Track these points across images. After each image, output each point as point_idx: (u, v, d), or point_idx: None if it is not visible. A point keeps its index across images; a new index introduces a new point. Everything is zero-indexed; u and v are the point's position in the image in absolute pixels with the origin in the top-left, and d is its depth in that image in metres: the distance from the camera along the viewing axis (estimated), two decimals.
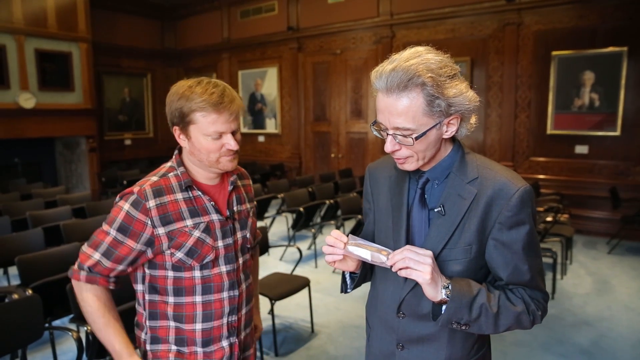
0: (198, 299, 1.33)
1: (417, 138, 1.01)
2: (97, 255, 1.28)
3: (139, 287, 1.37)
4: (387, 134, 1.04)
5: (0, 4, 7.45)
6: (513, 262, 1.05)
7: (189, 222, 1.29)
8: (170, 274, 1.32)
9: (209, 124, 1.24)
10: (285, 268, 4.75)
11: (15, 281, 3.86)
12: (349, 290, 1.24)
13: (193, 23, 10.82)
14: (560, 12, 6.16)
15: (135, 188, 1.28)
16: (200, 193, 1.33)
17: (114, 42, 9.99)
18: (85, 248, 1.31)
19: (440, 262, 1.07)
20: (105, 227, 1.29)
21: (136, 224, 1.25)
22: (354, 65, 8.25)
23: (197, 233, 1.30)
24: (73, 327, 2.66)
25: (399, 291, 1.14)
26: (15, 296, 2.74)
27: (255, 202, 1.57)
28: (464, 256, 1.07)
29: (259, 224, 4.63)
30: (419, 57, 0.99)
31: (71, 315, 2.53)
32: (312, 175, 8.13)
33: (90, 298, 1.30)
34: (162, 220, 1.27)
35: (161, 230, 1.27)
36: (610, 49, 5.82)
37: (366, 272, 1.25)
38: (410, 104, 0.98)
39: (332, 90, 8.61)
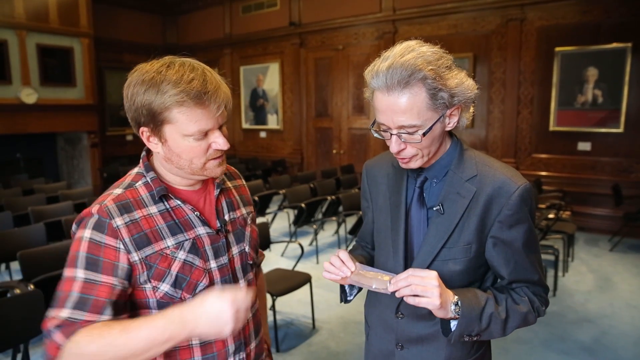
0: (195, 341, 1.02)
1: (424, 134, 0.98)
2: (65, 313, 0.90)
3: None
4: (391, 134, 1.01)
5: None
6: (514, 260, 1.05)
7: (170, 241, 1.00)
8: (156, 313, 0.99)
9: (191, 122, 0.94)
10: (286, 264, 4.75)
11: (17, 276, 3.87)
12: (349, 299, 1.22)
13: (195, 18, 10.80)
14: (563, 8, 6.12)
15: (94, 207, 0.96)
16: (179, 202, 1.04)
17: (115, 37, 9.97)
18: (48, 313, 0.93)
19: (439, 262, 1.06)
20: (67, 272, 0.93)
21: (106, 251, 0.93)
22: (356, 61, 8.22)
23: (181, 255, 1.00)
24: None
25: None
26: (17, 291, 2.76)
27: (252, 207, 1.26)
28: (463, 255, 1.06)
29: (261, 220, 4.63)
30: (413, 51, 0.96)
31: None
32: (313, 171, 8.13)
33: (84, 341, 0.87)
34: (137, 243, 0.96)
35: (136, 257, 0.95)
36: (614, 45, 5.78)
37: None
38: (413, 100, 0.96)
39: (334, 86, 8.59)
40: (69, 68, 8.39)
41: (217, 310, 0.85)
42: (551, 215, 4.68)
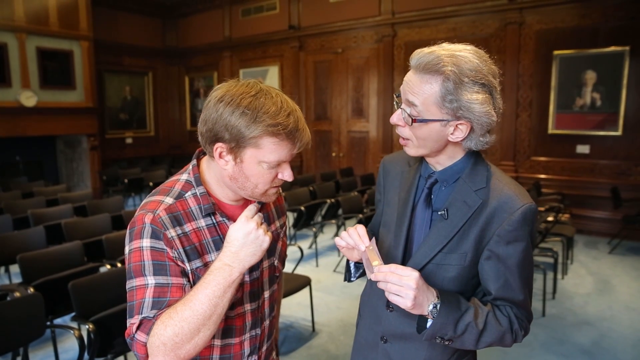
0: (217, 342, 1.09)
1: (417, 121, 1.02)
2: (142, 316, 0.94)
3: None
4: (399, 106, 1.07)
5: (2, 2, 7.45)
6: (504, 277, 1.05)
7: (214, 256, 1.03)
8: None
9: (274, 152, 0.98)
10: (286, 267, 4.75)
11: (17, 279, 3.87)
12: (352, 279, 1.25)
13: (194, 21, 10.82)
14: (562, 12, 6.15)
15: (147, 217, 0.98)
16: (224, 219, 1.07)
17: (115, 40, 9.99)
18: (128, 322, 0.97)
19: (433, 265, 1.07)
20: (137, 281, 0.95)
21: (168, 257, 0.97)
22: (355, 64, 8.24)
23: None
24: (74, 325, 2.66)
25: None
26: (17, 294, 2.76)
27: (285, 217, 1.31)
28: (458, 262, 1.07)
29: None
30: (459, 52, 0.99)
31: (73, 314, 2.53)
32: (313, 174, 8.13)
33: (159, 329, 0.91)
34: (189, 255, 1.00)
35: (188, 267, 1.00)
36: (612, 48, 5.81)
37: None
38: (425, 87, 0.99)
39: (333, 89, 8.60)
40: (69, 71, 8.39)
41: (243, 235, 0.94)
42: (550, 218, 4.69)
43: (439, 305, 0.99)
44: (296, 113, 1.00)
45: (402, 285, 0.95)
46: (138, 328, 0.93)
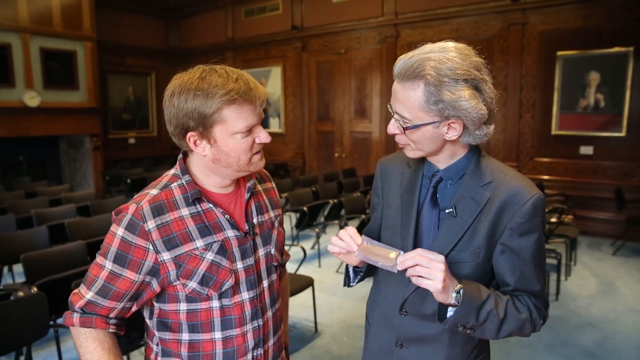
0: (217, 335, 1.10)
1: (409, 128, 1.03)
2: (89, 295, 1.05)
3: (148, 323, 1.17)
4: (393, 116, 1.08)
5: (6, 3, 7.48)
6: (520, 269, 1.05)
7: (199, 242, 1.06)
8: (183, 306, 1.09)
9: (240, 119, 1.02)
10: (288, 267, 4.75)
11: (20, 279, 3.88)
12: (352, 284, 1.23)
13: (197, 22, 10.84)
14: (565, 12, 6.13)
15: (131, 207, 1.05)
16: (211, 205, 1.10)
17: (118, 40, 10.02)
18: (79, 288, 1.09)
19: (448, 264, 1.05)
20: (99, 259, 1.07)
21: (135, 250, 1.03)
22: (358, 65, 8.24)
23: (209, 256, 1.07)
24: None
25: (403, 289, 1.14)
26: (21, 294, 2.76)
27: (280, 210, 1.31)
28: (472, 259, 1.06)
29: None
30: (439, 52, 0.98)
31: None
32: (315, 175, 8.13)
33: (90, 344, 1.06)
34: (167, 244, 1.04)
35: (166, 256, 1.04)
36: (616, 49, 5.79)
37: (370, 266, 1.23)
38: (409, 94, 1.00)
39: (336, 89, 8.60)
40: (72, 71, 8.42)
41: None
42: (553, 219, 4.67)
43: (462, 291, 0.99)
44: (243, 76, 1.03)
45: (431, 268, 0.95)
46: (83, 309, 1.06)
